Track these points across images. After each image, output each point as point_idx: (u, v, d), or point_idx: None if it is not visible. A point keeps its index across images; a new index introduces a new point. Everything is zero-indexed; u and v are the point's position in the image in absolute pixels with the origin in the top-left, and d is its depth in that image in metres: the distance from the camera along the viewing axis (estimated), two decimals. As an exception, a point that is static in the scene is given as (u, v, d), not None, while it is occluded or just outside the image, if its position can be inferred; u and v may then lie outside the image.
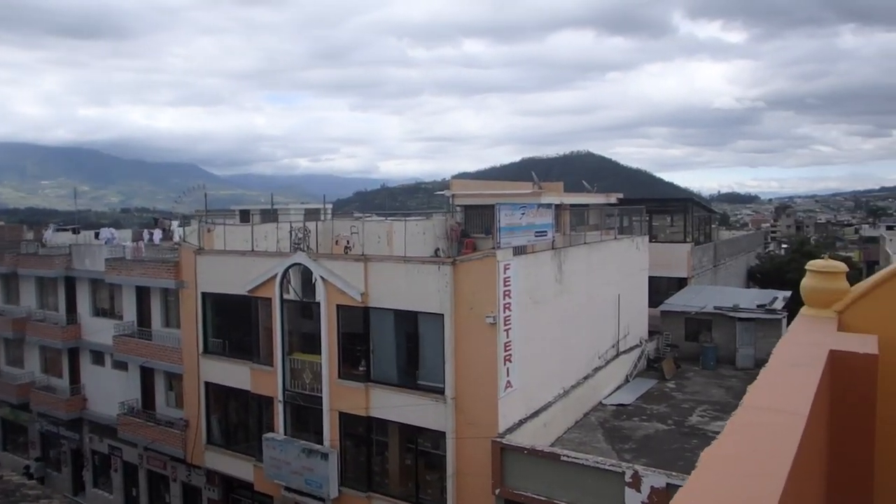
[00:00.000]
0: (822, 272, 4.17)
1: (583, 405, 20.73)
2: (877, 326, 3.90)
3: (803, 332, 3.75)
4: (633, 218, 31.43)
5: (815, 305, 4.20)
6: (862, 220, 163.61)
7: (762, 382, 2.61)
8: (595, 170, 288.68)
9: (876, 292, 3.97)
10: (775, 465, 1.74)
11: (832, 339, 3.47)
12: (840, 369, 3.23)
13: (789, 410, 2.22)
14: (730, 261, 41.65)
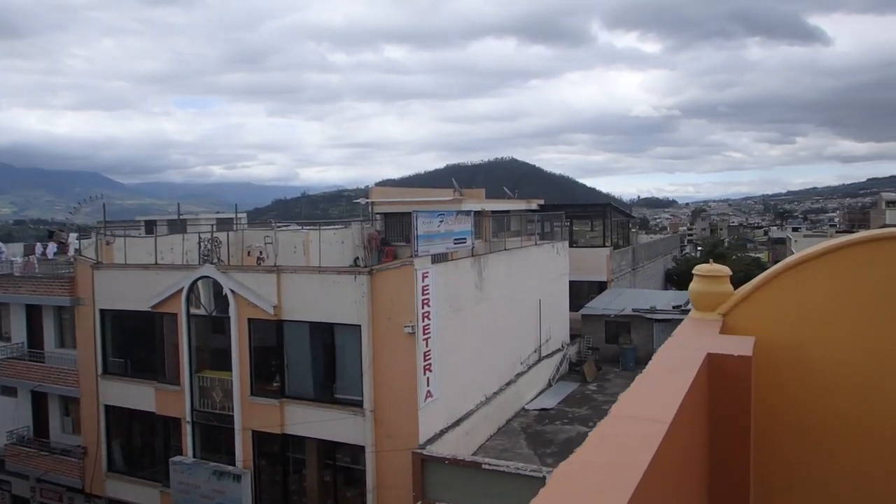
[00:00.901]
0: (707, 276, 4.34)
1: (505, 411, 20.97)
2: (756, 328, 4.08)
3: (686, 335, 3.89)
4: (553, 223, 32.13)
5: (701, 309, 4.35)
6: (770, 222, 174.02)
7: (634, 390, 2.67)
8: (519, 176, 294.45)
9: (756, 295, 4.16)
10: (625, 478, 1.76)
11: (712, 342, 3.60)
12: (717, 372, 3.36)
13: (652, 418, 2.26)
14: (648, 264, 43.28)
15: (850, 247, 3.94)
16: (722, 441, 3.36)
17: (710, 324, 4.13)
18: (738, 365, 3.34)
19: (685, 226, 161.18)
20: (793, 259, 4.11)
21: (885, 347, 3.80)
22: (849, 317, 3.89)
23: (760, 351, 4.01)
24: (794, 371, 3.98)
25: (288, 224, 32.47)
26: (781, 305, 4.04)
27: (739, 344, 3.58)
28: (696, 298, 4.36)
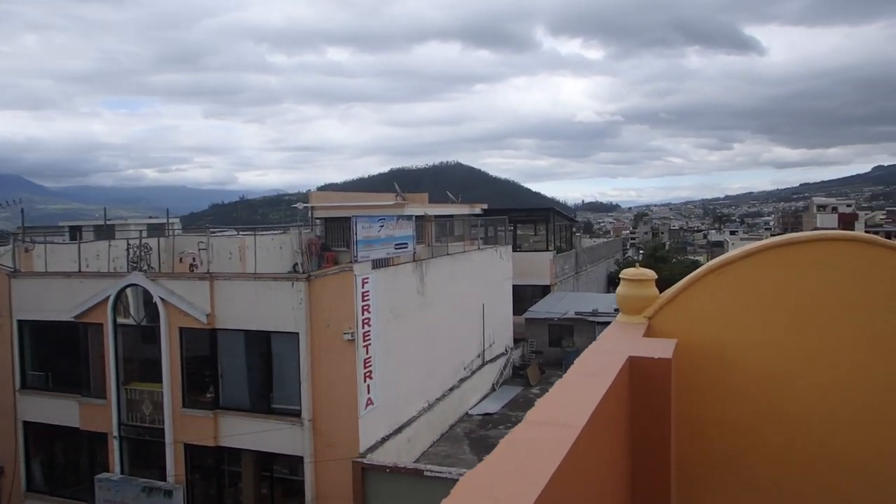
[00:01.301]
0: (633, 280, 4.42)
1: (449, 417, 21.00)
2: (680, 330, 4.18)
3: (610, 339, 3.95)
4: (497, 228, 32.42)
5: (628, 312, 4.44)
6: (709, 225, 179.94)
7: (551, 395, 2.69)
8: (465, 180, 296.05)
9: (680, 298, 4.26)
10: (528, 485, 1.77)
11: (635, 346, 3.67)
12: (638, 374, 3.42)
13: (564, 423, 2.28)
14: (591, 267, 44.14)
15: (769, 250, 4.09)
16: (643, 442, 3.43)
17: (635, 327, 4.21)
18: (658, 367, 3.42)
19: (628, 230, 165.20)
20: (715, 262, 4.24)
21: (802, 347, 3.96)
22: (768, 318, 4.03)
23: (683, 352, 4.12)
24: (717, 371, 4.10)
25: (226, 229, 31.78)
26: (704, 308, 4.16)
27: (661, 346, 3.66)
28: (622, 302, 4.45)
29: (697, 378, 4.13)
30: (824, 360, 3.92)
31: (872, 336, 3.85)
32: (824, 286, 3.93)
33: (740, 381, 4.06)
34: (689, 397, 4.13)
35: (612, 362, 3.27)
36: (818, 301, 3.94)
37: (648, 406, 3.44)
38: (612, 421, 2.99)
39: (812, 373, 3.94)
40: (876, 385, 3.83)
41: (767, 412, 4.01)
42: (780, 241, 4.11)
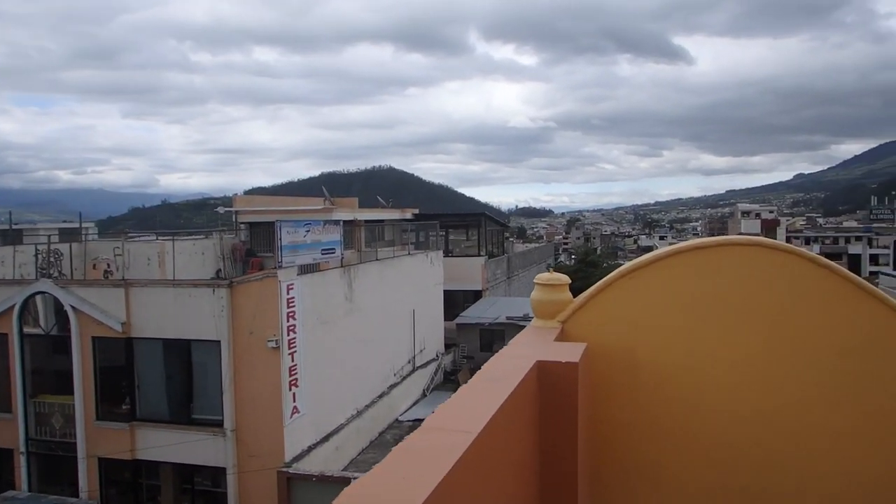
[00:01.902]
0: (546, 285, 4.50)
1: (378, 424, 20.88)
2: (591, 334, 4.28)
3: (520, 344, 4.01)
4: (429, 233, 32.51)
5: (541, 317, 4.51)
6: (640, 231, 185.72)
7: (452, 401, 2.70)
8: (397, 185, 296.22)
9: (592, 302, 4.36)
10: (414, 493, 1.77)
11: (544, 350, 3.74)
12: (546, 379, 3.48)
13: (460, 429, 2.29)
14: (523, 272, 44.75)
15: (677, 255, 4.24)
16: (551, 445, 3.49)
17: (548, 331, 4.30)
18: (565, 370, 3.49)
19: (561, 235, 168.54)
20: (625, 267, 4.36)
21: (708, 348, 4.12)
22: (675, 321, 4.18)
23: (594, 356, 4.23)
24: (627, 374, 4.22)
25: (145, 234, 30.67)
26: (615, 311, 4.27)
27: (569, 350, 3.74)
28: (536, 307, 4.53)
29: (608, 381, 4.24)
30: (729, 360, 4.09)
31: (773, 337, 4.05)
32: (729, 289, 4.10)
33: (649, 383, 4.19)
34: (600, 400, 4.24)
35: (519, 367, 3.32)
36: (723, 304, 4.11)
37: (556, 410, 3.51)
38: (516, 425, 3.03)
39: (717, 373, 4.11)
40: (777, 384, 4.03)
41: (675, 413, 4.16)
42: (687, 246, 4.27)
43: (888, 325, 3.90)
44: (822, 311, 3.99)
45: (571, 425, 3.52)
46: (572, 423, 3.52)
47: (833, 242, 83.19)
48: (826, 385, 3.98)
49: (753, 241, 4.16)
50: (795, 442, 4.02)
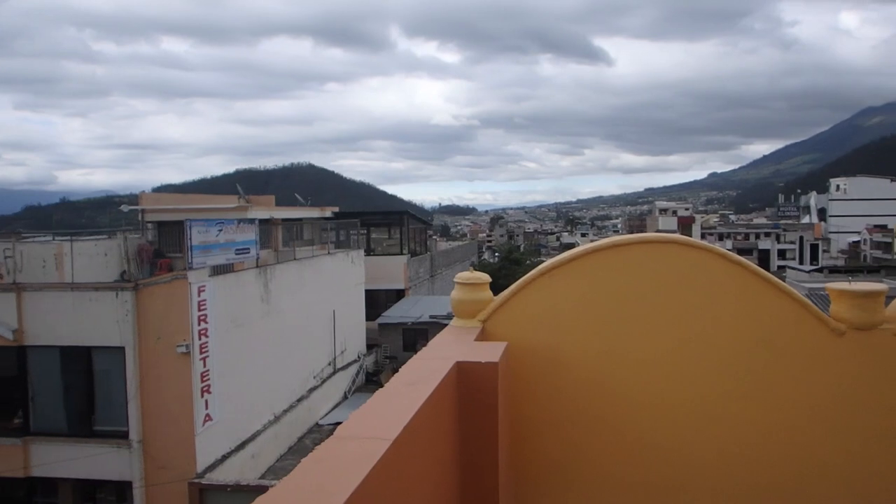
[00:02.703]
0: (467, 284, 4.49)
1: (297, 429, 20.52)
2: (511, 333, 4.31)
3: (440, 345, 3.99)
4: (350, 231, 32.16)
5: (461, 316, 4.51)
6: (562, 228, 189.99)
7: (367, 407, 2.64)
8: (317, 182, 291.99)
9: (512, 301, 4.39)
10: None
11: (464, 350, 3.72)
12: (465, 379, 3.46)
13: (375, 436, 2.24)
14: (446, 270, 44.96)
15: (595, 253, 4.31)
16: (472, 446, 3.49)
17: (468, 331, 4.29)
18: (485, 371, 3.49)
19: (484, 232, 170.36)
20: (545, 265, 4.41)
21: (628, 345, 4.21)
22: (594, 318, 4.26)
23: (515, 355, 4.25)
24: (547, 372, 4.27)
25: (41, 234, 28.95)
26: (535, 310, 4.31)
27: (490, 350, 3.75)
28: (456, 306, 4.52)
29: (528, 379, 4.28)
30: (647, 356, 4.20)
31: (690, 332, 4.18)
32: (646, 286, 4.21)
33: (569, 380, 4.26)
34: (521, 399, 4.27)
35: (438, 368, 3.30)
36: (641, 300, 4.21)
37: (476, 411, 3.51)
38: (435, 429, 3.00)
39: (636, 369, 4.21)
40: (695, 378, 4.16)
41: (595, 409, 4.24)
42: (606, 244, 4.36)
43: (797, 318, 4.10)
44: (735, 306, 4.15)
45: (492, 425, 3.52)
46: (492, 423, 3.52)
47: (744, 238, 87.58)
48: (740, 378, 4.14)
49: (670, 238, 4.29)
50: (713, 435, 4.16)
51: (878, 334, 4.04)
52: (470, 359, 3.52)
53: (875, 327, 4.04)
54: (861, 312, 4.04)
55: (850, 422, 4.06)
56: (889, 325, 4.05)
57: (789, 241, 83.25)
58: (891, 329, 4.03)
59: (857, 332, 4.04)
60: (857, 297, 4.05)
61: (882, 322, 4.05)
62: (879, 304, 4.07)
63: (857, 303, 4.05)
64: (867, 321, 4.03)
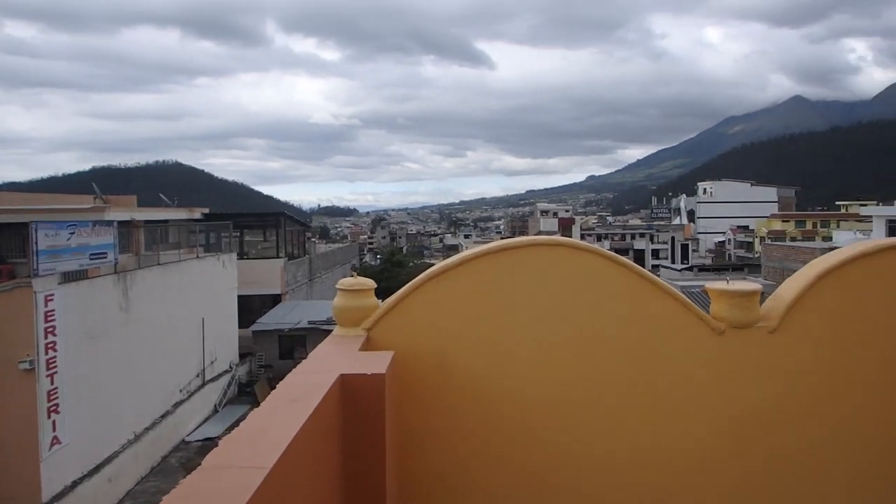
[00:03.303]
0: (350, 290, 4.32)
1: (161, 447, 19.45)
2: (398, 341, 4.19)
3: (322, 356, 3.81)
4: (221, 234, 30.89)
5: (344, 325, 4.34)
6: (445, 230, 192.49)
7: (241, 430, 2.44)
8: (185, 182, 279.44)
9: (399, 307, 4.27)
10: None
11: (348, 362, 3.57)
12: (351, 393, 3.31)
13: (250, 465, 2.05)
14: (326, 274, 44.26)
15: (484, 256, 4.27)
16: (358, 464, 3.34)
17: (352, 340, 4.13)
18: (371, 383, 3.35)
19: (366, 234, 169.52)
20: (433, 270, 4.32)
21: (518, 350, 4.20)
22: (484, 323, 4.22)
23: (402, 364, 4.14)
24: (438, 380, 4.18)
25: None
26: (422, 316, 4.22)
27: (376, 360, 3.61)
28: (339, 314, 4.34)
29: (417, 389, 4.18)
30: (537, 360, 4.21)
31: (578, 335, 4.23)
32: (535, 289, 4.22)
33: (460, 388, 4.19)
34: (411, 409, 4.16)
35: (320, 382, 3.12)
36: (530, 304, 4.22)
37: (362, 426, 3.36)
38: (318, 449, 2.83)
39: (527, 374, 4.21)
40: (584, 381, 4.22)
41: (486, 416, 4.20)
42: (494, 247, 4.33)
43: (680, 318, 4.25)
44: (621, 307, 4.25)
45: (379, 440, 3.39)
46: (380, 437, 3.39)
47: (621, 239, 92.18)
48: (629, 379, 4.23)
49: (557, 241, 4.33)
50: (603, 437, 4.23)
51: (755, 332, 4.26)
52: (355, 371, 3.37)
53: (752, 325, 4.26)
54: (739, 311, 4.24)
55: (730, 418, 4.26)
56: (764, 322, 4.28)
57: (662, 241, 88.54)
58: (766, 327, 4.27)
59: (736, 331, 4.25)
60: (735, 297, 4.26)
61: (758, 320, 4.28)
62: (755, 302, 4.30)
63: (736, 302, 4.25)
64: (745, 320, 4.25)
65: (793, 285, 4.41)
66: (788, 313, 4.26)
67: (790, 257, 30.91)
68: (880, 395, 4.33)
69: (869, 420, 4.32)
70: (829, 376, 4.31)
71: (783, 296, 4.39)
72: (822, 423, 4.31)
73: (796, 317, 4.27)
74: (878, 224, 37.67)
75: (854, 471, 4.34)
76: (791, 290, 4.35)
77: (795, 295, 4.28)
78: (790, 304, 4.27)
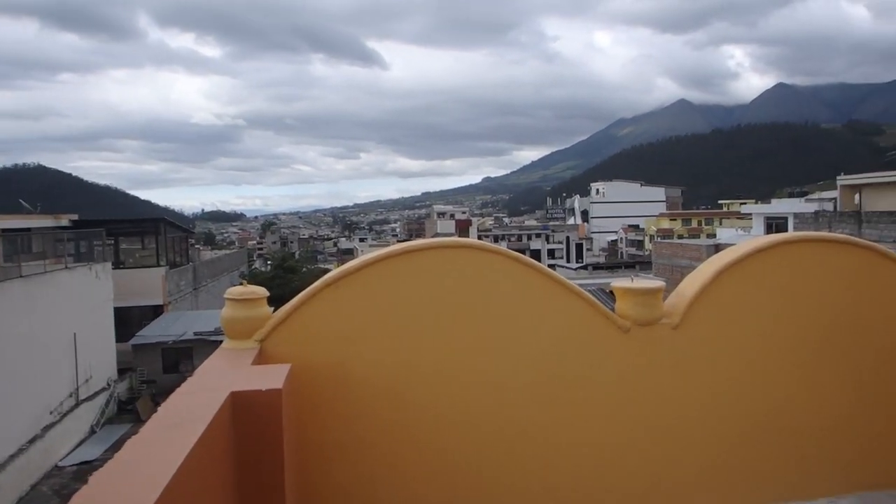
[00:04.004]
0: (240, 300, 4.08)
1: (30, 475, 18.12)
2: (296, 352, 4.00)
3: (210, 372, 3.56)
4: (94, 242, 29.17)
5: (235, 337, 4.10)
6: (339, 233, 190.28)
7: (115, 463, 2.19)
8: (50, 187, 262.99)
9: (295, 316, 4.08)
10: None
11: (239, 378, 3.34)
12: (244, 412, 3.09)
13: (127, 502, 1.82)
14: (212, 282, 42.67)
15: (385, 260, 4.13)
16: (254, 487, 3.12)
17: (243, 354, 3.89)
18: (266, 400, 3.13)
19: (255, 240, 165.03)
20: (332, 275, 4.13)
21: (424, 356, 4.09)
22: (386, 329, 4.08)
23: (301, 377, 3.94)
24: (339, 391, 4.01)
25: None
26: (321, 325, 4.03)
27: (271, 374, 3.39)
28: (228, 326, 4.09)
29: (319, 402, 4.00)
30: (444, 367, 4.12)
31: (487, 339, 4.17)
32: (441, 292, 4.12)
33: (363, 399, 4.04)
34: (309, 424, 3.97)
35: (208, 403, 2.89)
36: (436, 307, 4.12)
37: (258, 448, 3.14)
38: (208, 480, 2.61)
39: (433, 382, 4.11)
40: (494, 386, 4.15)
41: (392, 426, 4.07)
42: (396, 250, 4.20)
43: (587, 318, 4.28)
44: (530, 308, 4.22)
45: (277, 461, 3.18)
46: (278, 458, 3.18)
47: (517, 239, 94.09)
48: (539, 380, 4.22)
49: (462, 242, 4.25)
50: (515, 441, 4.19)
51: (659, 329, 4.35)
52: (248, 387, 3.15)
53: (656, 322, 4.35)
54: (643, 309, 4.32)
55: (638, 414, 4.33)
56: (667, 319, 4.38)
57: (558, 241, 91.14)
58: (669, 323, 4.36)
59: (641, 328, 4.32)
60: (640, 295, 4.33)
61: (661, 317, 4.37)
62: (659, 299, 4.39)
63: (640, 300, 4.33)
64: (649, 317, 4.33)
65: (693, 282, 4.53)
66: (690, 309, 4.38)
67: (678, 254, 32.50)
68: (781, 385, 4.52)
69: (770, 411, 4.51)
70: (731, 369, 4.46)
71: (685, 292, 4.51)
72: (725, 416, 4.45)
73: (697, 312, 4.40)
74: (757, 221, 40.32)
75: (758, 463, 4.51)
76: (692, 287, 4.48)
77: (696, 291, 4.41)
78: (691, 301, 4.39)
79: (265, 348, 4.02)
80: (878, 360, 4.63)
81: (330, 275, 4.17)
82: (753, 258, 4.51)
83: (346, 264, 4.25)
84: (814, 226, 25.51)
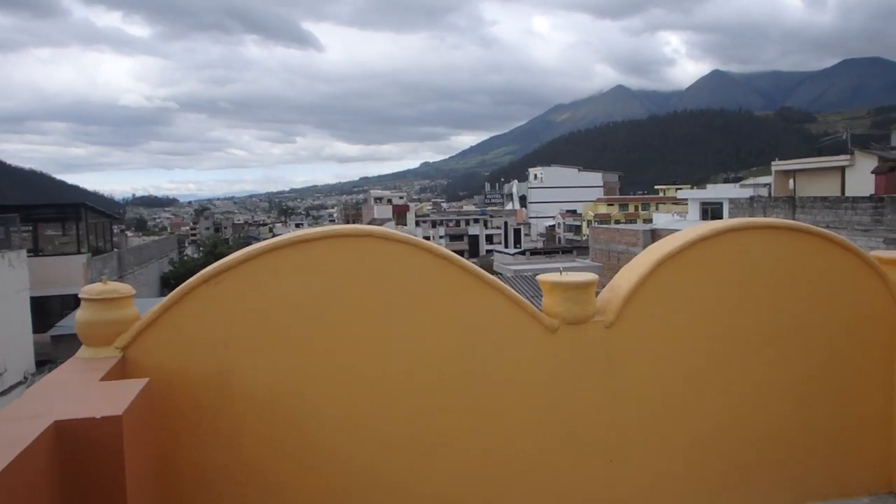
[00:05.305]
0: (98, 300, 3.40)
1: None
2: (162, 361, 3.41)
3: (43, 391, 2.91)
4: (9, 229, 27.49)
5: (93, 344, 3.43)
6: (275, 219, 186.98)
7: None
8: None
9: (163, 319, 3.44)
10: None
11: (77, 400, 2.68)
12: (73, 448, 2.44)
13: None
14: (139, 269, 41.03)
15: (275, 251, 3.52)
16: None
17: (98, 364, 3.22)
18: (102, 430, 2.48)
19: (188, 225, 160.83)
20: (208, 271, 3.49)
21: (317, 361, 3.52)
22: (274, 331, 3.49)
23: (169, 390, 3.30)
24: (217, 405, 3.40)
25: None
26: (196, 328, 3.39)
27: (114, 395, 2.74)
28: (84, 330, 3.40)
29: (195, 418, 3.36)
30: (341, 373, 3.56)
31: (393, 340, 3.61)
32: (338, 287, 3.55)
33: (247, 413, 3.44)
34: (187, 445, 3.35)
35: (18, 437, 2.22)
36: (333, 304, 3.54)
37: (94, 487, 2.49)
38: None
39: (328, 390, 3.55)
40: (400, 393, 3.61)
41: (280, 443, 3.50)
42: (284, 240, 3.58)
43: (509, 317, 3.75)
44: (443, 306, 3.68)
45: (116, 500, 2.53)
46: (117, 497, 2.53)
47: (456, 225, 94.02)
48: (455, 386, 3.69)
49: (364, 231, 3.65)
50: (429, 457, 3.66)
51: (591, 327, 3.86)
52: (78, 414, 2.50)
53: (588, 320, 3.84)
54: (573, 306, 3.81)
55: (568, 421, 3.85)
56: (600, 317, 3.88)
57: (496, 226, 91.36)
58: (602, 321, 3.87)
59: (571, 327, 3.82)
60: (569, 290, 3.82)
61: (594, 314, 3.87)
62: (591, 295, 3.89)
63: (569, 295, 3.81)
64: (580, 315, 3.82)
65: (630, 274, 4.03)
66: (626, 305, 3.89)
67: (615, 239, 32.61)
68: (726, 388, 4.08)
69: (715, 417, 4.07)
70: (671, 372, 3.99)
71: (620, 286, 4.00)
72: (664, 424, 3.99)
73: (634, 308, 3.90)
74: (692, 206, 40.93)
75: (701, 474, 4.08)
76: (628, 280, 3.98)
77: (633, 285, 3.91)
78: (627, 296, 3.89)
79: (129, 357, 3.36)
80: (832, 358, 4.24)
81: (207, 269, 3.52)
82: (696, 247, 4.03)
83: (226, 257, 3.60)
84: (748, 211, 25.82)
